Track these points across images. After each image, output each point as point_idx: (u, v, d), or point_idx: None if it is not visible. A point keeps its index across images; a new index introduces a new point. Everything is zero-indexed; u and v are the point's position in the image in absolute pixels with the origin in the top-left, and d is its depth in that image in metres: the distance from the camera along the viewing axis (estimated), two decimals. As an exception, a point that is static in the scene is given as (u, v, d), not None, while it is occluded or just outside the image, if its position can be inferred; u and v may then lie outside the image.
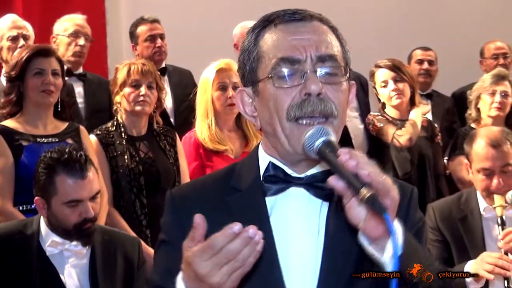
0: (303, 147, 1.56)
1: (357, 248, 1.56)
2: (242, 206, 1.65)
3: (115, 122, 4.04)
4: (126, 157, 3.93)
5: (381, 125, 4.57)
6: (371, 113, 4.78)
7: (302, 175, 1.65)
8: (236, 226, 1.36)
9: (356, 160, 1.42)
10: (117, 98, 4.02)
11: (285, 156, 1.65)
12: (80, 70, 5.04)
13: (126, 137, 3.99)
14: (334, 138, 1.54)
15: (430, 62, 5.76)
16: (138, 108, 3.97)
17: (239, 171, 1.74)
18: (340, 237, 1.60)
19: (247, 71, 1.69)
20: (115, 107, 4.07)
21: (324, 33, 1.66)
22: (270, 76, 1.61)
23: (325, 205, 1.64)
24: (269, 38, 1.65)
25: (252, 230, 1.36)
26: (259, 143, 1.77)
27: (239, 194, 1.68)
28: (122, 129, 4.00)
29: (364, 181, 1.40)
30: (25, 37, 4.64)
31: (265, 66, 1.64)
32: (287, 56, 1.61)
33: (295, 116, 1.58)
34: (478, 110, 4.74)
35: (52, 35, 5.00)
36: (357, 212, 1.47)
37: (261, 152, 1.73)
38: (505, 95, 4.67)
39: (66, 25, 4.99)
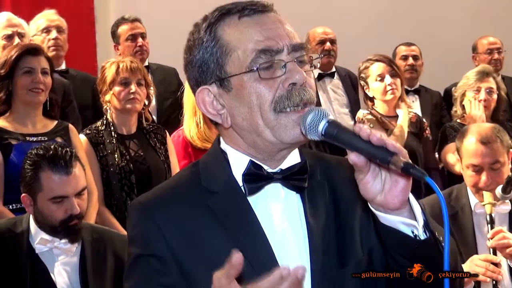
0: (304, 132, 1.54)
1: (339, 232, 1.63)
2: (226, 209, 1.60)
3: (105, 121, 4.03)
4: (116, 155, 3.93)
5: (371, 126, 4.57)
6: (360, 110, 4.77)
7: (277, 169, 1.63)
8: (285, 270, 1.30)
9: (376, 132, 1.47)
10: (107, 97, 4.00)
11: (263, 150, 1.62)
12: (63, 66, 5.01)
13: (116, 136, 3.99)
14: (333, 117, 1.55)
15: (415, 57, 5.77)
16: (129, 105, 3.97)
17: (205, 171, 1.67)
18: (321, 227, 1.61)
19: (211, 67, 1.61)
20: (104, 106, 4.05)
21: (285, 23, 1.64)
22: (252, 69, 1.56)
23: (298, 196, 1.64)
24: (235, 31, 1.59)
25: (301, 270, 1.32)
26: (216, 140, 1.72)
27: (218, 196, 1.62)
28: (112, 128, 4.00)
29: (393, 151, 1.44)
30: (21, 35, 4.59)
31: (238, 61, 1.58)
32: (266, 47, 1.56)
33: (284, 107, 1.56)
34: (463, 107, 4.75)
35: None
36: (373, 186, 1.51)
37: (230, 150, 1.66)
38: (490, 91, 4.68)
39: (38, 23, 4.98)
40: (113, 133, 3.99)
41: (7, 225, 3.05)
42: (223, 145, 1.68)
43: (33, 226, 3.01)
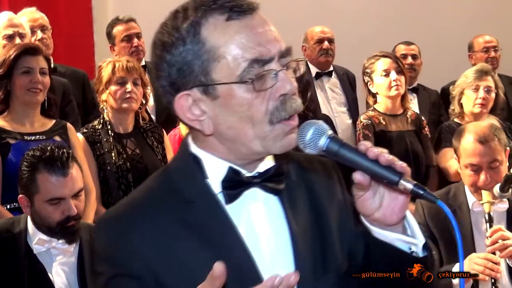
0: (303, 146, 1.50)
1: (323, 233, 1.60)
2: (204, 220, 1.51)
3: (102, 120, 4.04)
4: (113, 154, 3.93)
5: (370, 135, 4.58)
6: (361, 115, 4.74)
7: (254, 173, 1.56)
8: (277, 279, 1.27)
9: (383, 151, 1.45)
10: (103, 96, 4.01)
11: (244, 157, 1.54)
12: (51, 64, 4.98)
13: (112, 135, 3.99)
14: (331, 131, 1.51)
15: (414, 56, 5.78)
16: (125, 105, 3.97)
17: (178, 179, 1.56)
18: (303, 230, 1.58)
19: (194, 71, 1.48)
20: (101, 105, 4.06)
21: (270, 23, 1.53)
22: (244, 80, 1.45)
23: (277, 199, 1.59)
24: (223, 35, 1.47)
25: (294, 276, 1.28)
26: (185, 144, 1.61)
27: (194, 207, 1.52)
28: (109, 127, 4.00)
29: (400, 171, 1.44)
30: (21, 36, 4.56)
31: (227, 68, 1.46)
32: (259, 56, 1.47)
33: (279, 118, 1.48)
34: (461, 105, 4.75)
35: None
36: (372, 202, 1.50)
37: (206, 156, 1.56)
38: (488, 90, 4.69)
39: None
40: (110, 131, 3.99)
41: (5, 225, 3.05)
42: (196, 150, 1.58)
43: (31, 226, 3.00)
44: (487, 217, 3.15)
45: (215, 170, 1.54)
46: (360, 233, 1.59)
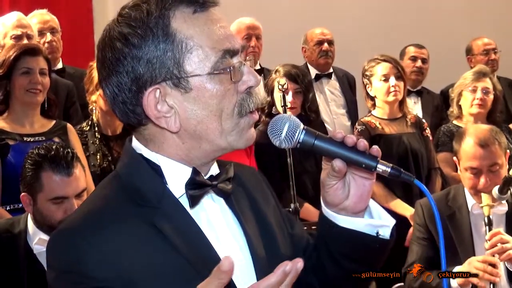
0: (279, 142, 1.51)
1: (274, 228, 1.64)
2: (172, 224, 1.47)
3: (90, 122, 4.03)
4: (98, 156, 3.93)
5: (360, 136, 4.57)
6: (357, 123, 4.74)
7: (207, 177, 1.55)
8: (288, 266, 1.22)
9: (359, 137, 1.50)
10: (93, 97, 3.99)
11: (201, 157, 1.52)
12: (59, 65, 4.99)
13: (99, 137, 3.99)
14: (303, 125, 1.53)
15: (424, 60, 5.79)
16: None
17: (133, 185, 1.50)
18: (254, 231, 1.60)
19: (166, 65, 1.44)
20: (90, 106, 4.03)
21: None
22: (218, 71, 1.44)
23: (227, 201, 1.59)
24: (193, 27, 1.45)
25: (300, 263, 1.24)
26: (131, 148, 1.56)
27: (159, 212, 1.47)
28: (96, 129, 4.00)
29: (376, 156, 1.49)
30: (29, 37, 4.56)
31: (199, 60, 1.45)
32: (230, 47, 1.47)
33: (246, 110, 1.49)
34: (460, 107, 4.77)
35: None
36: (341, 193, 1.56)
37: (163, 159, 1.52)
38: (486, 91, 4.69)
39: (31, 24, 4.94)
40: (96, 133, 3.99)
41: (5, 225, 3.05)
42: (150, 154, 1.53)
43: (31, 226, 3.00)
44: (486, 220, 3.15)
45: (176, 174, 1.51)
46: (297, 238, 1.67)
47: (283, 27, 6.44)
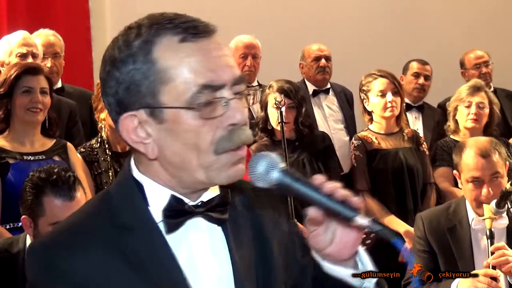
0: (253, 179, 1.43)
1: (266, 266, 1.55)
2: (142, 252, 1.42)
3: (99, 139, 4.02)
4: (110, 173, 3.92)
5: (355, 164, 4.60)
6: (354, 138, 4.76)
7: (198, 202, 1.49)
8: None
9: (338, 187, 1.40)
10: (102, 115, 3.98)
11: (188, 186, 1.47)
12: (59, 84, 4.98)
13: (110, 154, 3.98)
14: (284, 164, 1.44)
15: (426, 77, 5.75)
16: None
17: (117, 205, 1.47)
18: (247, 264, 1.52)
19: (142, 92, 1.40)
20: (99, 124, 4.03)
21: (226, 48, 1.45)
22: (191, 106, 1.37)
23: (221, 229, 1.52)
24: (174, 57, 1.39)
25: None
26: (127, 168, 1.54)
27: (132, 237, 1.42)
28: (106, 146, 3.99)
29: (356, 208, 1.39)
30: (34, 55, 4.53)
31: (176, 92, 1.38)
32: (209, 82, 1.38)
33: (225, 149, 1.40)
34: (456, 121, 4.78)
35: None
36: (324, 238, 1.47)
37: (148, 182, 1.48)
38: (481, 106, 4.71)
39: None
40: (107, 150, 3.98)
41: (4, 245, 3.04)
42: (138, 175, 1.50)
43: (30, 245, 3.00)
44: (488, 233, 3.15)
45: (157, 198, 1.46)
46: (307, 265, 1.57)
47: (280, 44, 6.48)
